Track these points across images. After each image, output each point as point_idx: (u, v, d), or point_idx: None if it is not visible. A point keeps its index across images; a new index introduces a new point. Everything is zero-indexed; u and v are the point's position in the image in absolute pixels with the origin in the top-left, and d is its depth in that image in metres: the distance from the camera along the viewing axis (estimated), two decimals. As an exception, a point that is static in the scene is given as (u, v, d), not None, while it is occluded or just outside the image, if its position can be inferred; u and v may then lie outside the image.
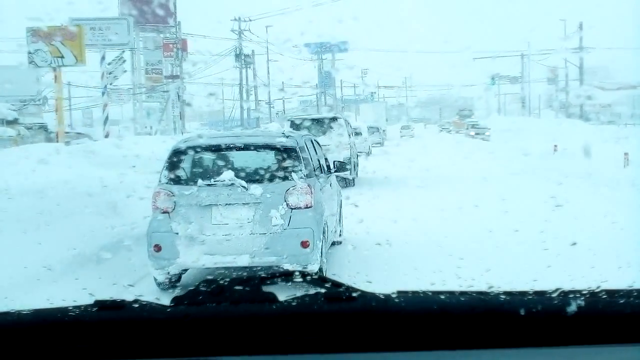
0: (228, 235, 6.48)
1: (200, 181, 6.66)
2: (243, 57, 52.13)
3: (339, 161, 9.45)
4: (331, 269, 7.19)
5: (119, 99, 48.15)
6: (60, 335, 1.34)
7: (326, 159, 8.66)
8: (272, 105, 66.06)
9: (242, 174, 6.71)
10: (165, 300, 1.38)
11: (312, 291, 1.34)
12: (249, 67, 54.10)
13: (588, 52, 62.74)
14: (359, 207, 10.70)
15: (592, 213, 10.93)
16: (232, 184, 6.54)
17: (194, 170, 6.92)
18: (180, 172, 6.81)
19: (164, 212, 6.62)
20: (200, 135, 7.81)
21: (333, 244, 8.21)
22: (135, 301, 1.40)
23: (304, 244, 6.45)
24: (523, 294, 1.41)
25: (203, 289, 1.38)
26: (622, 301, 1.36)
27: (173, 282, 6.86)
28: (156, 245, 6.54)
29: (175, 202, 6.61)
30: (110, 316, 1.37)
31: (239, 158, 7.15)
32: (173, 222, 6.57)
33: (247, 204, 6.53)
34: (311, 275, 1.37)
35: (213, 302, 1.34)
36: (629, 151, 18.45)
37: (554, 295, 1.40)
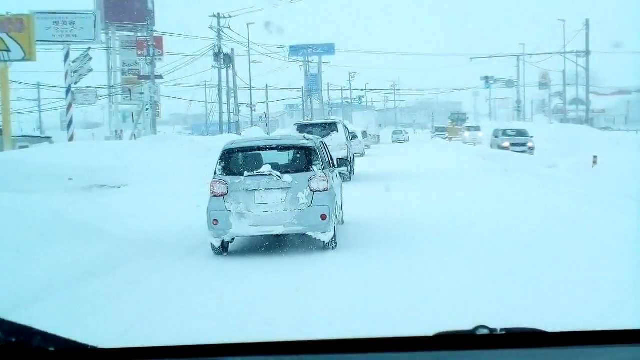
0: (267, 212, 9.07)
1: (245, 172, 9.22)
2: (222, 57, 48.51)
3: (340, 158, 12.10)
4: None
5: (85, 99, 44.15)
6: None
7: (331, 157, 11.26)
8: (254, 109, 64.15)
9: (276, 167, 9.26)
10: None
11: None
12: (229, 67, 50.29)
13: (581, 56, 61.64)
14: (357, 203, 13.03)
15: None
16: (270, 174, 9.13)
17: (241, 164, 9.47)
18: (230, 166, 9.37)
19: (219, 196, 9.16)
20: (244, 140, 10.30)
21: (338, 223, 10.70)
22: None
23: (323, 217, 9.06)
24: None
25: None
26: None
27: (225, 247, 9.37)
28: (214, 220, 9.11)
29: (227, 188, 9.17)
30: None
31: (273, 155, 9.71)
32: (226, 202, 9.15)
33: (281, 188, 9.13)
34: None
35: None
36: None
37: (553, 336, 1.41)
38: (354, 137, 29.56)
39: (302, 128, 21.17)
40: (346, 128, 23.40)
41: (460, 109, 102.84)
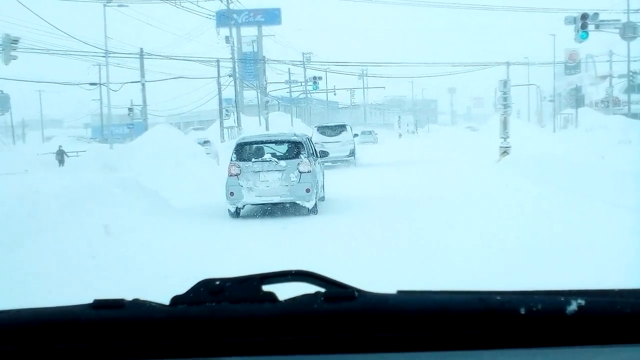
0: (268, 187, 13.77)
1: (253, 159, 13.56)
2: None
3: (322, 150, 16.65)
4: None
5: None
6: (59, 334, 1.40)
7: (315, 149, 15.55)
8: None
9: (275, 155, 13.56)
10: (165, 300, 1.45)
11: (312, 291, 1.42)
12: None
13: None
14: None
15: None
16: (270, 160, 13.46)
17: (250, 152, 13.76)
18: (242, 154, 13.68)
19: (234, 175, 13.44)
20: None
21: (320, 199, 15.20)
22: (135, 300, 1.48)
23: (307, 190, 13.69)
24: (523, 293, 1.49)
25: (202, 288, 1.46)
26: (622, 301, 1.41)
27: (238, 212, 13.65)
28: (231, 192, 13.71)
29: (240, 169, 13.57)
30: (109, 315, 1.43)
31: (272, 147, 14.03)
32: (239, 180, 13.82)
33: (278, 170, 13.70)
34: (313, 275, 1.46)
35: (213, 301, 1.42)
36: None
37: (555, 294, 1.47)
38: (356, 135, 40.04)
39: (321, 129, 32.20)
40: (351, 128, 34.22)
41: (435, 106, 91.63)
